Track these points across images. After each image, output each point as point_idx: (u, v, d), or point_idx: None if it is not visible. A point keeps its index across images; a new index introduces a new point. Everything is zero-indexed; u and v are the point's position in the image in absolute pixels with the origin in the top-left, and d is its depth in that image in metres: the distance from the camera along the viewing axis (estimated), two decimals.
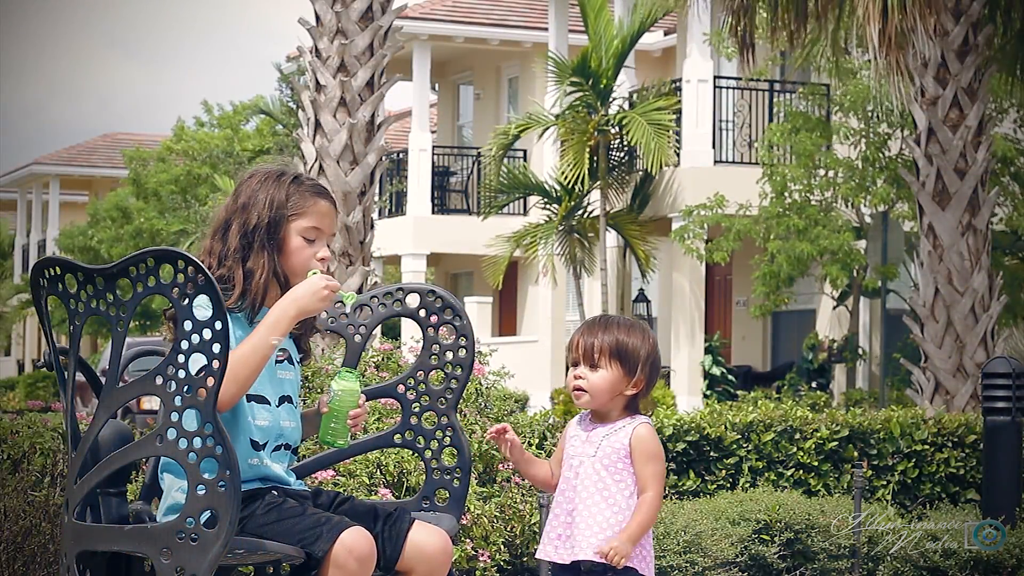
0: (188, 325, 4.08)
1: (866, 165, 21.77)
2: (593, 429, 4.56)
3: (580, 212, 24.88)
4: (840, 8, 13.27)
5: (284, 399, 4.52)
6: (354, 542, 4.26)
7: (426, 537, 4.47)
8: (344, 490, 6.30)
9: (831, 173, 21.99)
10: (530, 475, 4.71)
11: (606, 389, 4.51)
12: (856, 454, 9.26)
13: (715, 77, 24.60)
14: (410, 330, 24.29)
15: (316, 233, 4.50)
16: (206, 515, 4.10)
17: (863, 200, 21.82)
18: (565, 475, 4.56)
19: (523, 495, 7.10)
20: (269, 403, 4.47)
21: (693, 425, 8.82)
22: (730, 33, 13.53)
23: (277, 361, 4.52)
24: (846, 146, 21.95)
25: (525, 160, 28.94)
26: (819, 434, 9.16)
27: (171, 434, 4.11)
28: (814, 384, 23.56)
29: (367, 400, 5.17)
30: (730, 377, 24.53)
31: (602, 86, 24.35)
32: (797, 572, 8.06)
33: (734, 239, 22.39)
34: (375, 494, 6.59)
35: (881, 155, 21.53)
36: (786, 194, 21.93)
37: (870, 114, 21.52)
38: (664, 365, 26.37)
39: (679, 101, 24.49)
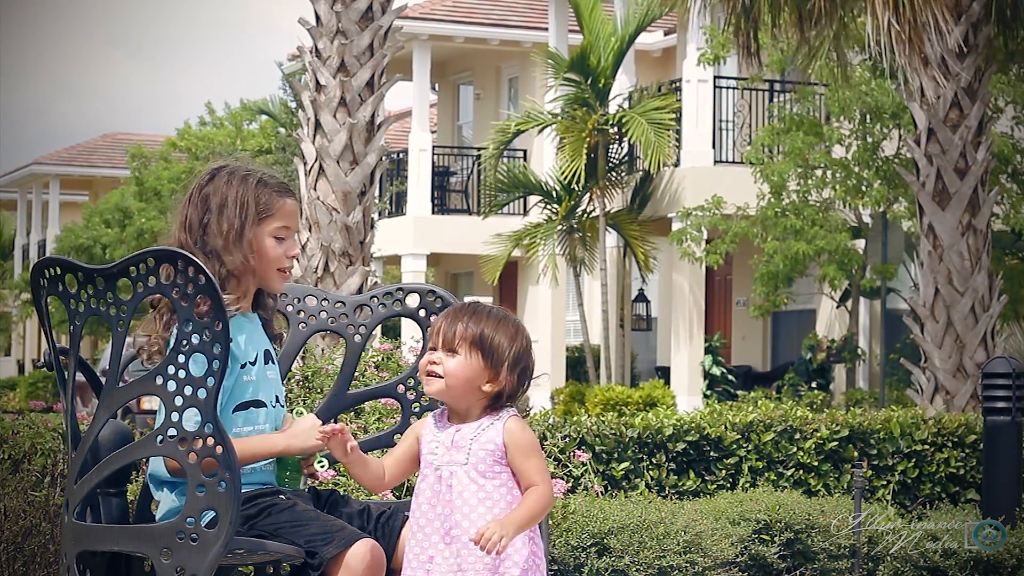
0: (188, 325, 4.08)
1: (852, 165, 21.70)
2: (457, 430, 4.16)
3: (580, 212, 24.87)
4: (844, 8, 13.24)
5: (276, 399, 4.55)
6: (369, 550, 4.26)
7: None
8: (344, 490, 6.30)
9: (829, 173, 21.95)
10: (358, 476, 4.25)
11: (462, 378, 4.11)
12: (856, 454, 9.25)
13: (715, 77, 24.58)
14: (410, 330, 24.27)
15: (286, 232, 4.52)
16: (206, 515, 4.10)
17: (859, 201, 21.79)
18: (432, 487, 4.16)
19: None
20: (265, 405, 4.50)
21: (693, 425, 8.82)
22: (734, 34, 13.48)
23: (265, 362, 4.53)
24: (842, 146, 21.92)
25: (525, 160, 28.93)
26: (819, 434, 9.15)
27: (171, 434, 4.11)
28: (814, 384, 23.55)
29: (367, 400, 5.15)
30: (730, 377, 24.52)
31: (600, 85, 24.34)
32: (797, 572, 8.06)
33: (731, 241, 22.36)
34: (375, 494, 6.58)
35: (875, 157, 21.47)
36: (783, 194, 21.90)
37: (866, 116, 21.47)
38: (662, 365, 26.38)
39: (679, 101, 24.48)
